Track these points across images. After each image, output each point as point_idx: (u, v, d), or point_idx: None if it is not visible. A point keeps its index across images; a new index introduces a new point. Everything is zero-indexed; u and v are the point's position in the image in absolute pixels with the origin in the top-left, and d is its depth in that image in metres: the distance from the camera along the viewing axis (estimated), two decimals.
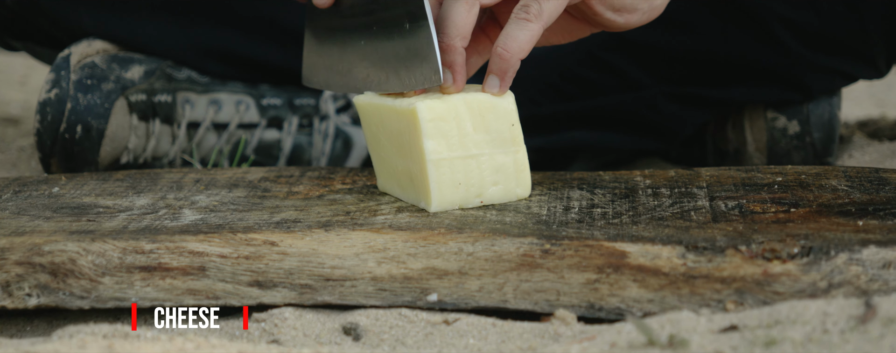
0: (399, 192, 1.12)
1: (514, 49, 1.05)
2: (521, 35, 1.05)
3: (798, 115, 1.48)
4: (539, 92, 1.48)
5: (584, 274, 0.98)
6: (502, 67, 1.05)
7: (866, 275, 0.95)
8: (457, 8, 1.06)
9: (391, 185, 1.13)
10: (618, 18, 1.11)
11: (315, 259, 1.01)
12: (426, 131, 1.05)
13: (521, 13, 1.05)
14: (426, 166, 1.06)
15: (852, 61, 1.43)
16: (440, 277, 0.99)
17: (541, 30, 1.05)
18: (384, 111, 1.09)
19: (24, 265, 1.00)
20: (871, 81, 2.08)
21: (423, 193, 1.07)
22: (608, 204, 1.09)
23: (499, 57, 1.05)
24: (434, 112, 1.05)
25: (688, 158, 1.58)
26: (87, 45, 1.42)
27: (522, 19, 1.05)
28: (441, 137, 1.06)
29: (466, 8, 1.06)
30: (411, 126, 1.05)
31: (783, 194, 1.10)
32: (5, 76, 2.46)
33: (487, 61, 1.10)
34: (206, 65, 1.46)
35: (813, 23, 1.39)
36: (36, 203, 1.14)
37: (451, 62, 1.06)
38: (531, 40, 1.05)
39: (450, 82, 1.06)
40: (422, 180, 1.07)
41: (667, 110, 1.48)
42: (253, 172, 1.24)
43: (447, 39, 1.05)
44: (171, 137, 1.44)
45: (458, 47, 1.05)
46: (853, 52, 1.42)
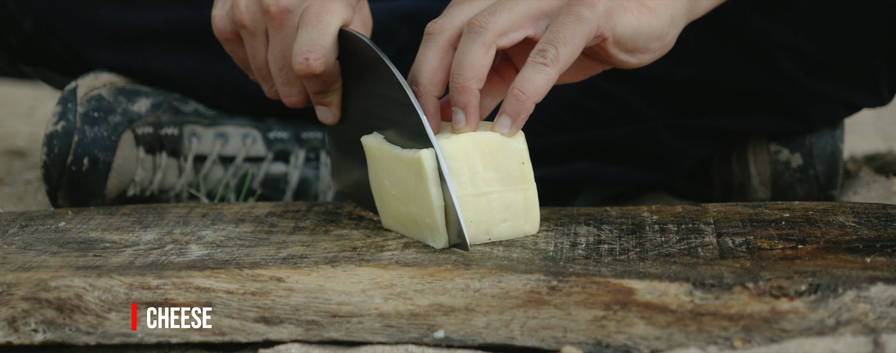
0: (403, 230, 1.12)
1: (530, 92, 1.05)
2: (538, 79, 1.05)
3: (801, 147, 1.48)
4: (541, 123, 1.48)
5: (591, 311, 0.98)
6: (517, 108, 1.06)
7: (874, 313, 0.95)
8: (473, 50, 1.06)
9: (395, 224, 1.13)
10: (631, 59, 1.11)
11: (322, 295, 1.01)
12: (432, 178, 1.05)
13: (539, 57, 1.05)
14: (434, 212, 1.05)
15: (855, 88, 1.43)
16: (447, 313, 0.99)
17: (557, 74, 1.05)
18: (389, 157, 1.09)
19: (31, 301, 1.00)
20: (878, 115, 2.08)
21: (431, 231, 1.07)
22: (615, 240, 1.09)
23: (515, 98, 1.05)
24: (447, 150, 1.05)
25: (694, 192, 1.58)
26: (94, 77, 1.42)
27: (540, 63, 1.05)
28: (453, 176, 1.06)
29: (484, 50, 1.06)
30: (418, 173, 1.05)
31: (790, 230, 1.10)
32: (12, 108, 2.46)
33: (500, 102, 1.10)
34: (215, 98, 1.47)
35: (815, 50, 1.39)
36: (42, 238, 1.14)
37: (465, 104, 1.06)
38: (548, 84, 1.05)
39: (462, 124, 1.06)
40: (430, 221, 1.07)
41: (669, 142, 1.48)
42: (259, 207, 1.24)
43: (462, 81, 1.06)
44: (178, 170, 1.44)
45: (473, 89, 1.06)
46: (856, 79, 1.42)
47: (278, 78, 1.15)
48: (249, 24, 1.14)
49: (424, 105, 1.07)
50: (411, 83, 1.08)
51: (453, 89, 1.06)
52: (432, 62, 1.08)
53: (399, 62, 1.16)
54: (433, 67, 1.08)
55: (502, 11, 1.07)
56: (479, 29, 1.06)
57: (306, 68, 1.10)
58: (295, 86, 1.15)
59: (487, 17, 1.06)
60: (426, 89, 1.07)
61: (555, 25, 1.06)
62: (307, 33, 1.10)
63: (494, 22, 1.06)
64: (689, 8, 1.15)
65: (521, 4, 1.07)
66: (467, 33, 1.06)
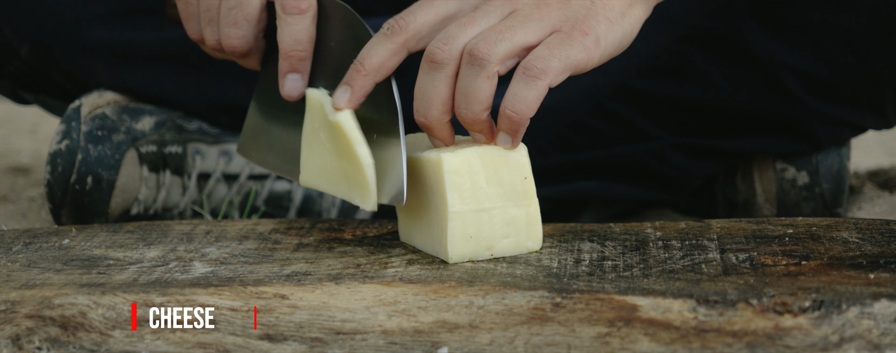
0: (328, 187, 1.13)
1: (522, 110, 1.05)
2: (528, 94, 1.05)
3: (807, 166, 1.48)
4: (547, 142, 1.48)
5: (594, 328, 0.98)
6: (512, 127, 1.06)
7: (878, 329, 0.95)
8: (479, 84, 1.06)
9: (319, 180, 1.13)
10: (600, 63, 1.11)
11: (325, 312, 1.01)
12: (354, 139, 1.07)
13: (529, 71, 1.05)
14: (364, 170, 1.07)
15: (861, 111, 1.43)
16: (451, 330, 0.99)
17: (547, 88, 1.05)
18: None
19: (35, 319, 1.00)
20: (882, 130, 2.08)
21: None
22: (619, 257, 1.09)
23: (509, 119, 1.06)
24: (450, 165, 1.06)
25: (698, 210, 1.58)
26: (97, 96, 1.42)
27: (531, 77, 1.05)
28: (455, 190, 1.06)
29: (489, 83, 1.06)
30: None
31: (794, 246, 1.10)
32: (16, 125, 2.47)
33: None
34: (216, 117, 1.47)
35: (822, 73, 1.40)
36: (46, 255, 1.14)
37: (480, 129, 1.08)
38: (538, 98, 1.05)
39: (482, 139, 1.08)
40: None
41: (674, 162, 1.48)
42: (263, 224, 1.24)
43: (473, 115, 1.06)
44: (182, 189, 1.44)
45: (485, 118, 1.07)
46: (862, 102, 1.42)
47: (226, 19, 1.17)
48: None
49: (440, 135, 1.08)
50: (420, 115, 1.08)
51: (465, 121, 1.06)
52: (443, 94, 1.08)
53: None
54: (444, 98, 1.08)
55: (502, 41, 1.06)
56: (483, 61, 1.05)
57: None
58: (241, 28, 1.17)
59: (489, 47, 1.06)
60: (440, 118, 1.08)
61: (549, 42, 1.06)
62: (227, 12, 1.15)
63: (496, 53, 1.06)
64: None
65: (520, 33, 1.07)
66: (470, 65, 1.06)
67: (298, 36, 1.14)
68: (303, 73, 1.15)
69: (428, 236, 1.10)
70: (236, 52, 1.17)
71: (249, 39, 1.17)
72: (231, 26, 1.16)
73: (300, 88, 1.15)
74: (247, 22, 1.16)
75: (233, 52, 1.17)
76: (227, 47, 1.17)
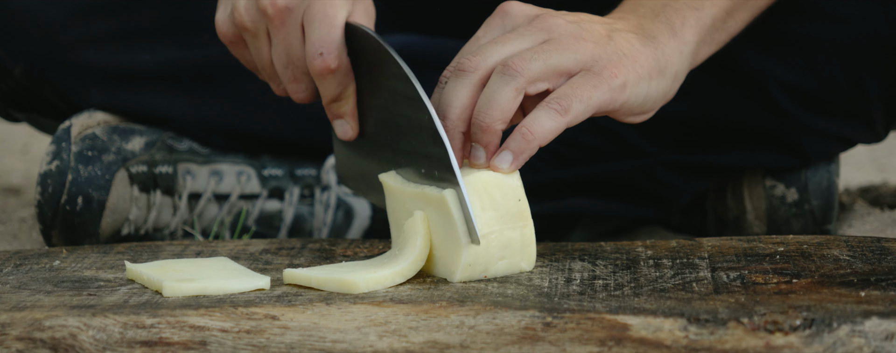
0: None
1: (538, 133, 1.06)
2: (548, 123, 1.06)
3: (796, 182, 1.48)
4: (538, 159, 1.48)
5: (585, 347, 0.97)
6: (522, 146, 1.07)
7: (869, 347, 0.95)
8: (505, 92, 1.07)
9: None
10: (635, 119, 1.15)
11: (316, 333, 1.01)
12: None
13: (554, 104, 1.07)
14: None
15: (851, 125, 1.43)
16: (442, 350, 0.99)
17: (566, 125, 1.07)
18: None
19: (25, 341, 1.00)
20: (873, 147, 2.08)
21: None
22: (610, 275, 1.09)
23: (522, 136, 1.06)
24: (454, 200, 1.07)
25: (688, 227, 1.58)
26: (87, 116, 1.42)
27: (553, 109, 1.07)
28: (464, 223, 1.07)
29: (514, 94, 1.07)
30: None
31: (785, 264, 1.10)
32: (6, 145, 2.46)
33: None
34: (208, 137, 1.47)
35: (811, 86, 1.40)
36: (37, 277, 1.14)
37: (487, 142, 1.08)
38: (555, 132, 1.07)
39: (481, 160, 1.08)
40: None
41: (665, 179, 1.48)
42: (254, 245, 1.24)
43: (489, 120, 1.07)
44: (173, 209, 1.44)
45: (498, 130, 1.07)
46: (852, 116, 1.42)
47: (285, 75, 1.16)
48: (250, 26, 1.15)
49: (452, 140, 1.08)
50: (439, 116, 1.08)
51: (477, 127, 1.07)
52: (463, 99, 1.08)
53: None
54: (464, 104, 1.08)
55: (537, 60, 1.08)
56: (515, 73, 1.06)
57: (323, 64, 1.11)
58: (301, 82, 1.16)
59: (524, 62, 1.07)
60: (454, 125, 1.08)
61: (576, 81, 1.08)
62: (315, 31, 1.12)
63: (529, 69, 1.07)
64: (691, 61, 1.17)
65: (555, 56, 1.08)
66: (501, 74, 1.07)
67: (331, 93, 1.15)
68: (347, 117, 1.16)
69: (429, 261, 1.11)
70: (307, 101, 1.19)
71: (313, 91, 1.18)
72: (291, 82, 1.17)
73: (349, 131, 1.17)
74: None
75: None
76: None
